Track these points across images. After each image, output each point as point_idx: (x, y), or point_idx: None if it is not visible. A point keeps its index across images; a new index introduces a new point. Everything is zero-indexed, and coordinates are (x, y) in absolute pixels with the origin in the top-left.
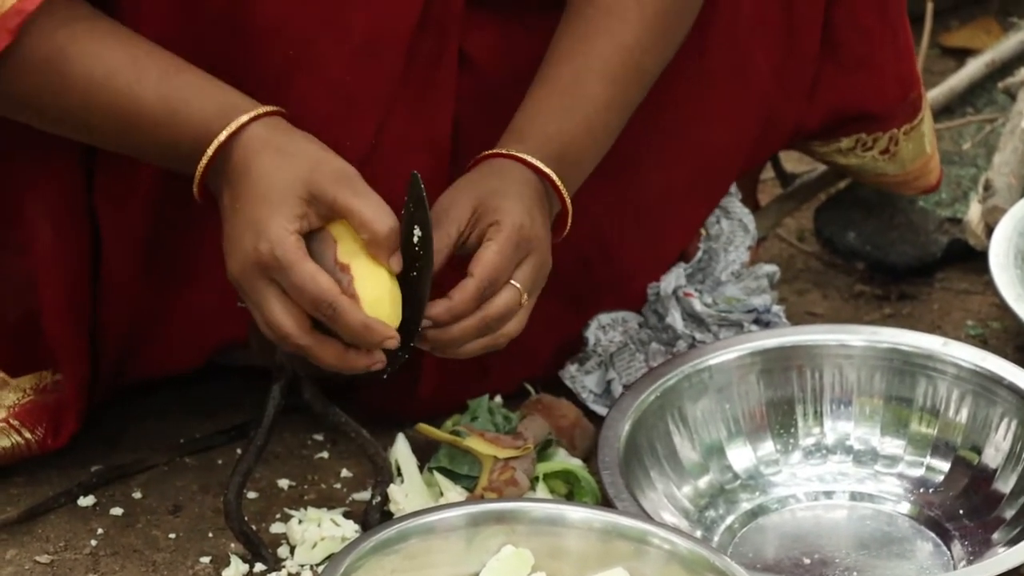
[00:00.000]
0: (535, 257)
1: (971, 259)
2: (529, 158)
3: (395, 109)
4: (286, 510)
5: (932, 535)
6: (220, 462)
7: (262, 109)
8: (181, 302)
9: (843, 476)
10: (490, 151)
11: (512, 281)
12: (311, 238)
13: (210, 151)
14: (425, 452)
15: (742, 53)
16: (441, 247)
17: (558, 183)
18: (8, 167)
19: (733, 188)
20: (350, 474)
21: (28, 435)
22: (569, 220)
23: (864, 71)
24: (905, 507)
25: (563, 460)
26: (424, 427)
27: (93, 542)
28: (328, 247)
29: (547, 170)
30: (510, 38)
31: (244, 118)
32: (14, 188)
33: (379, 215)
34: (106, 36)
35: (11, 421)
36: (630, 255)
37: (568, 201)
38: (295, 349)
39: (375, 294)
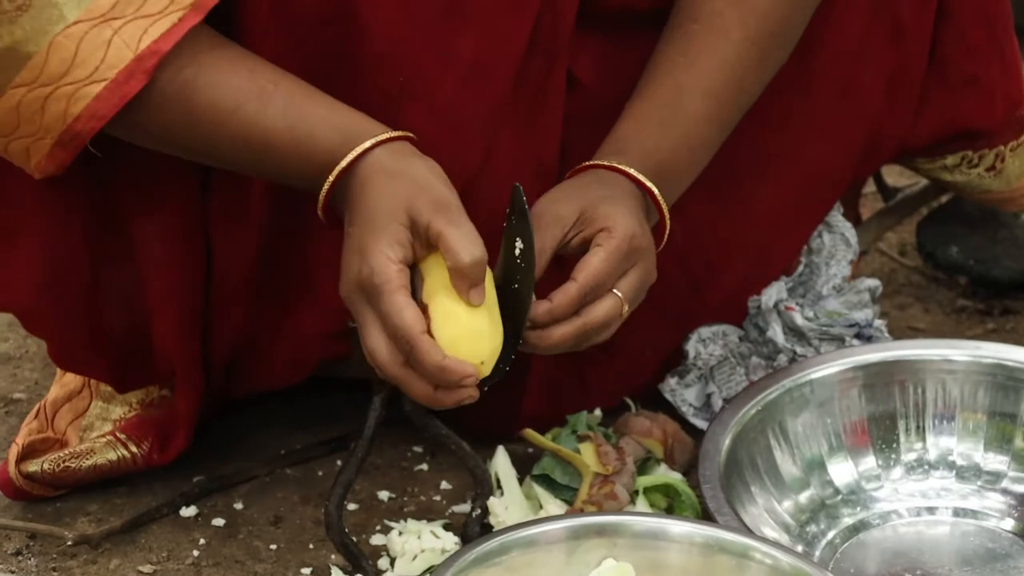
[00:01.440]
0: (641, 267)
1: None
2: (631, 170)
3: (503, 132)
4: (386, 522)
5: None
6: (320, 473)
7: (387, 135)
8: (288, 321)
9: (946, 492)
10: (590, 162)
11: (615, 290)
12: (414, 270)
13: (332, 176)
14: (525, 465)
15: (850, 71)
16: (545, 247)
17: (658, 196)
18: (124, 181)
19: None
20: (450, 486)
21: (134, 449)
22: (666, 234)
23: (971, 89)
24: (1009, 524)
25: (663, 474)
26: (531, 433)
27: (195, 552)
28: (418, 282)
29: (648, 183)
30: (616, 58)
31: (367, 143)
32: (129, 203)
33: (465, 245)
34: (232, 65)
35: (117, 435)
36: (736, 273)
37: (667, 214)
38: (387, 379)
39: (453, 333)
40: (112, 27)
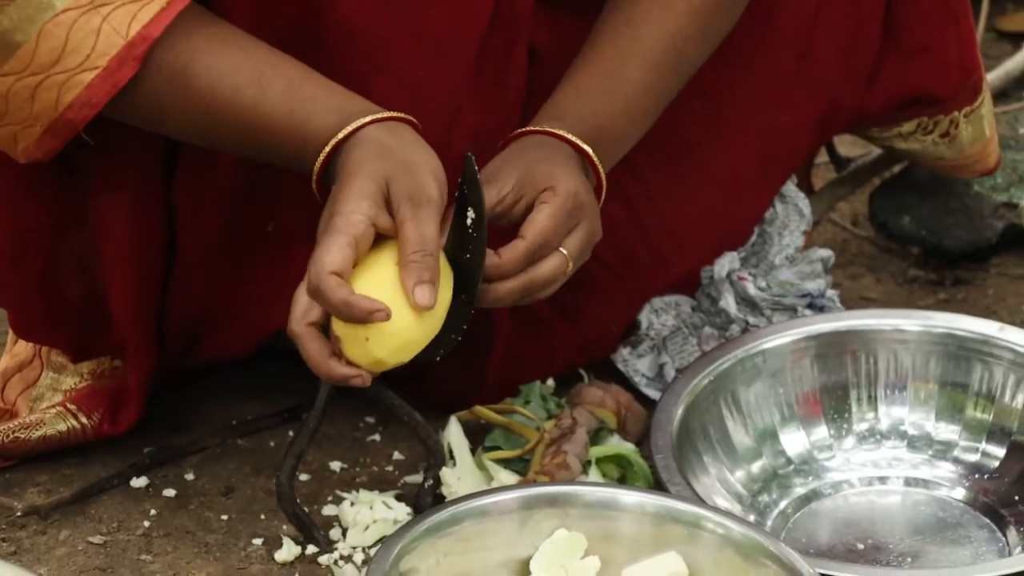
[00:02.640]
0: (585, 225)
1: None
2: (567, 135)
3: (466, 104)
4: (338, 492)
5: (987, 521)
6: (272, 444)
7: (385, 114)
8: (244, 292)
9: (897, 461)
10: (527, 128)
11: (561, 248)
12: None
13: (328, 148)
14: (477, 435)
15: (808, 39)
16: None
17: (594, 158)
18: (87, 150)
19: None
20: (402, 457)
21: (85, 420)
22: (603, 196)
23: (926, 56)
24: (960, 493)
25: (616, 444)
26: (480, 409)
27: (146, 523)
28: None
29: (584, 146)
30: (573, 31)
31: (364, 119)
32: (89, 171)
33: (418, 237)
34: (227, 47)
35: (68, 405)
36: (698, 242)
37: (603, 177)
38: (290, 334)
39: (400, 324)
40: (101, 14)
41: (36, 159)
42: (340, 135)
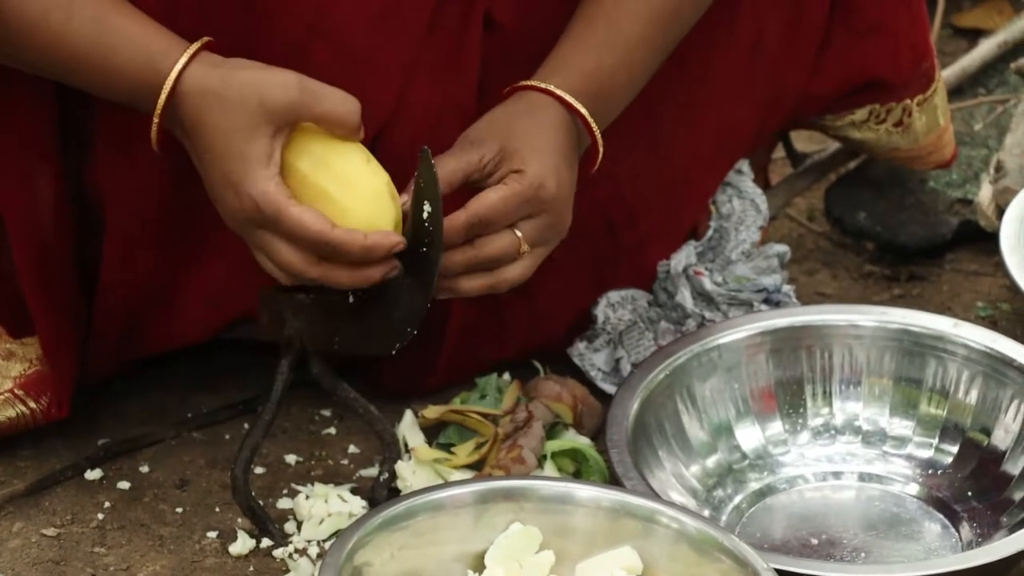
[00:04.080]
0: (547, 218)
1: (981, 240)
2: (563, 94)
3: (418, 75)
4: (293, 486)
5: (940, 516)
6: (227, 437)
7: (187, 52)
8: (192, 276)
9: (852, 457)
10: (525, 82)
11: (516, 230)
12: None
13: (156, 119)
14: (433, 429)
15: (753, 18)
16: (458, 168)
17: (590, 121)
18: None
19: (745, 167)
20: (357, 450)
21: (33, 405)
22: (599, 156)
23: (877, 36)
24: (913, 488)
25: (571, 439)
26: (430, 412)
27: (100, 516)
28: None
29: (580, 108)
30: (542, 4)
31: (173, 74)
32: None
33: (338, 99)
34: None
35: (16, 391)
36: (652, 220)
37: (599, 138)
38: (311, 282)
39: (354, 199)
40: None
41: None
42: (161, 101)
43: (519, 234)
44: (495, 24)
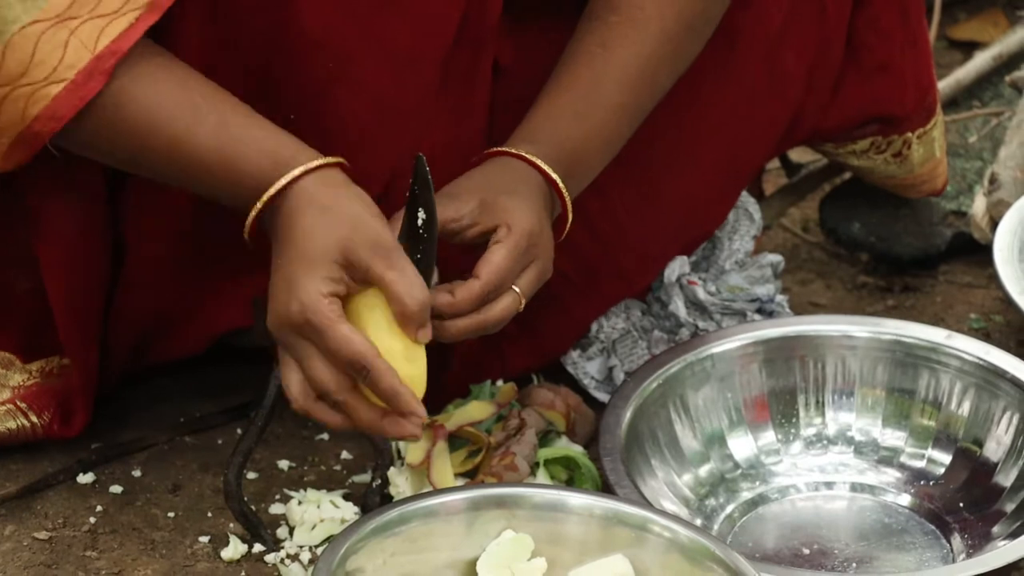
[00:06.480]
0: (539, 264)
1: (975, 252)
2: (538, 161)
3: (431, 119)
4: (286, 491)
5: (932, 527)
6: (220, 442)
7: (317, 161)
8: (195, 295)
9: (844, 467)
10: (499, 148)
11: (514, 287)
12: (348, 300)
13: (259, 204)
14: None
15: (775, 56)
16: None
17: (562, 188)
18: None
19: None
20: (350, 456)
21: (35, 419)
22: (568, 225)
23: (883, 74)
24: (905, 499)
25: (564, 446)
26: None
27: (92, 519)
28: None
29: (554, 176)
30: (537, 45)
31: (296, 172)
32: (31, 176)
33: (411, 290)
34: (166, 76)
35: (18, 403)
36: (657, 252)
37: (569, 207)
38: (333, 405)
39: (401, 373)
40: (69, 27)
41: (5, 170)
42: (272, 190)
43: (517, 290)
44: (503, 71)
